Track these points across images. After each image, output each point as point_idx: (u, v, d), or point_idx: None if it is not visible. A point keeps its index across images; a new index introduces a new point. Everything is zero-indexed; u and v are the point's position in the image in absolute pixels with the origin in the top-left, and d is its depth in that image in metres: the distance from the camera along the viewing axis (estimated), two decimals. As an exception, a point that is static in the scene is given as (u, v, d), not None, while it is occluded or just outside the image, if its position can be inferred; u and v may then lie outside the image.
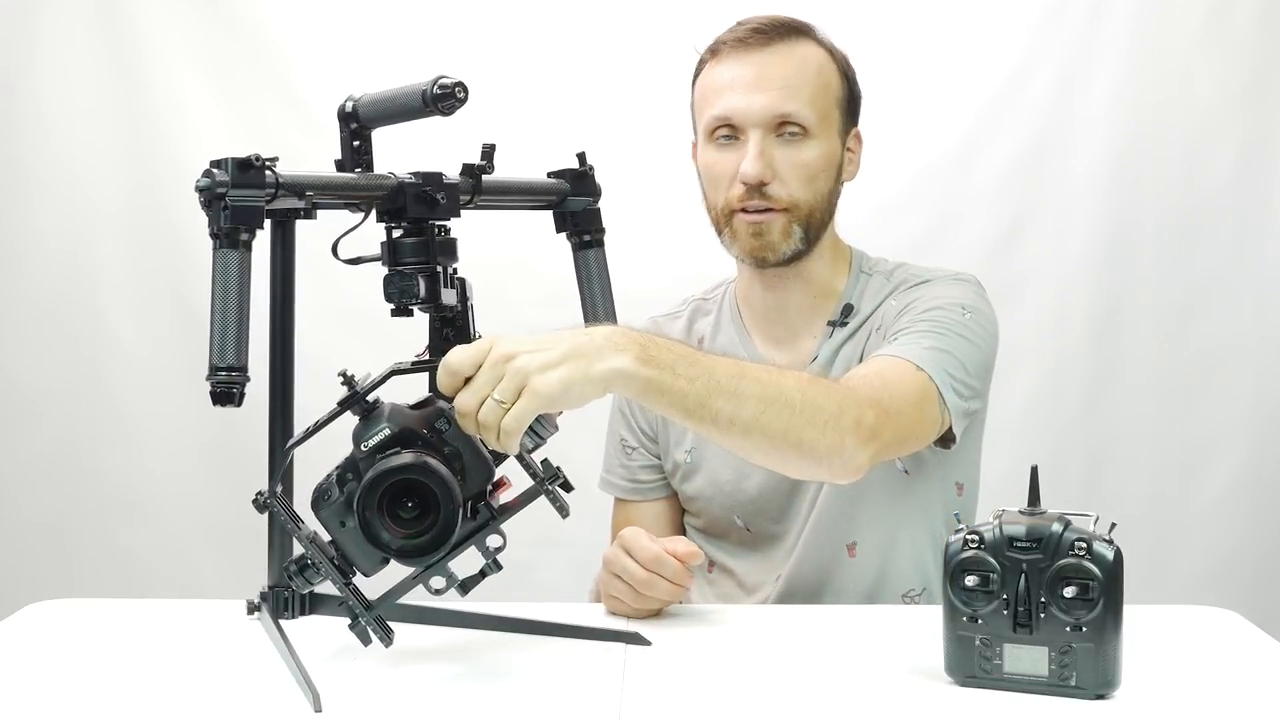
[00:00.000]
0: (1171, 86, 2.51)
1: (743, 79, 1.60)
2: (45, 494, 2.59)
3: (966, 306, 1.59)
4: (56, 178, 2.56)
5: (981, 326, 1.59)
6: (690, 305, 1.80)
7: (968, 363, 1.55)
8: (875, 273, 1.69)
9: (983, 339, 1.59)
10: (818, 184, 1.61)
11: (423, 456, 1.14)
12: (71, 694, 1.21)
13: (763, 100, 1.59)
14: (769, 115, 1.59)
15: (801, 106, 1.59)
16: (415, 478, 1.13)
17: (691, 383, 1.24)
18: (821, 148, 1.61)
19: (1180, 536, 2.56)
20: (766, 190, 1.59)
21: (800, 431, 1.31)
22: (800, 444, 1.32)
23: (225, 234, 1.15)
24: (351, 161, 1.28)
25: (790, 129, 1.59)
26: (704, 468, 1.71)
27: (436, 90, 1.22)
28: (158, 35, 2.52)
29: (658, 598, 1.42)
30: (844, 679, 1.25)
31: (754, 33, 1.62)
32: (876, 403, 1.40)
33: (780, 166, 1.59)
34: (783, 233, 1.61)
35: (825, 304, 1.68)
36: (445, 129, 1.30)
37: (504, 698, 1.20)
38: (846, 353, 1.65)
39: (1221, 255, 2.54)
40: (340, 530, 1.17)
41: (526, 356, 1.16)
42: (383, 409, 1.17)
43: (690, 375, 1.24)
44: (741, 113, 1.60)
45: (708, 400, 1.25)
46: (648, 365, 1.21)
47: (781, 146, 1.60)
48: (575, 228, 1.41)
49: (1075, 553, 1.13)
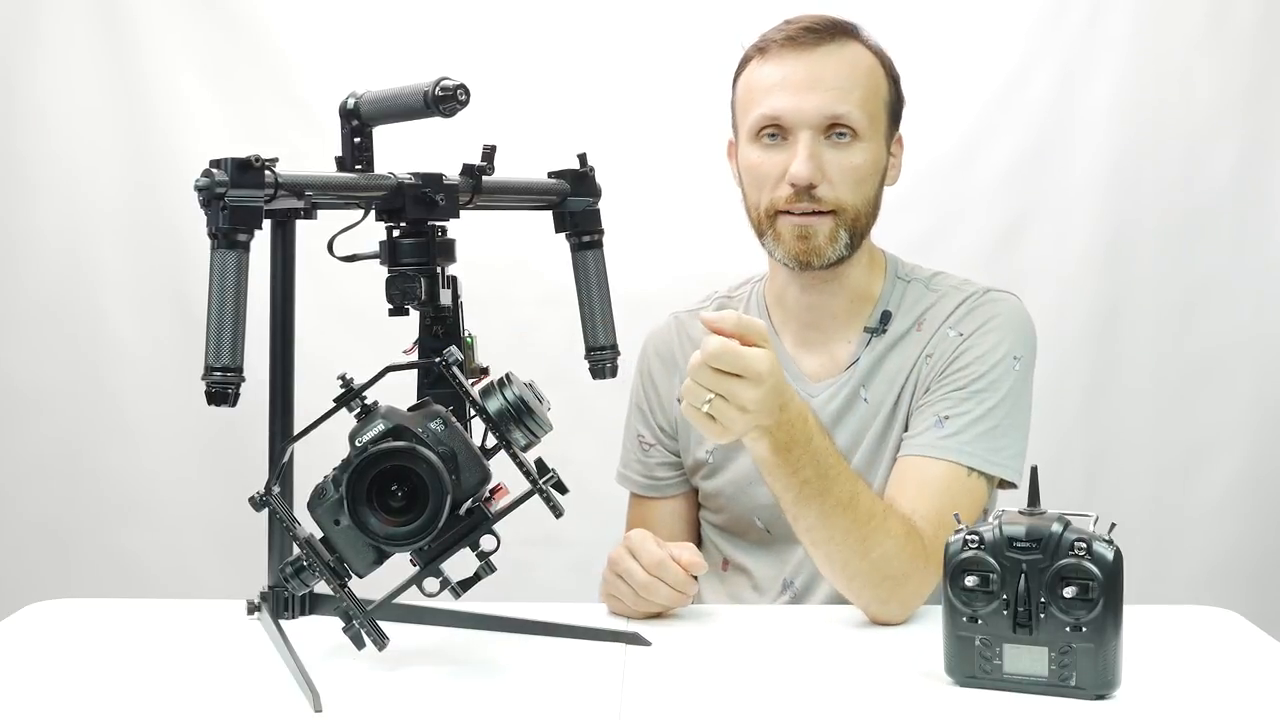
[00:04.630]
0: (1171, 87, 2.51)
1: (793, 78, 1.58)
2: (45, 494, 2.59)
3: (1018, 355, 1.61)
4: (56, 177, 2.55)
5: (1028, 365, 1.63)
6: (715, 301, 1.78)
7: (1018, 418, 1.60)
8: (913, 279, 1.68)
9: (1029, 376, 1.63)
10: (865, 188, 1.60)
11: (411, 443, 1.14)
12: (71, 694, 1.21)
13: (815, 101, 1.57)
14: (820, 116, 1.57)
15: (853, 109, 1.58)
16: (402, 463, 1.14)
17: (804, 485, 1.37)
18: (870, 151, 1.60)
19: (1180, 537, 2.55)
20: (815, 193, 1.57)
21: (860, 578, 1.42)
22: (850, 584, 1.43)
23: (223, 234, 1.15)
24: (352, 159, 1.28)
25: (840, 131, 1.58)
26: (727, 468, 1.70)
27: (439, 92, 1.22)
28: (158, 35, 2.52)
29: (658, 602, 1.42)
30: (844, 679, 1.25)
31: (805, 31, 1.60)
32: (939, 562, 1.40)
33: (829, 169, 1.58)
34: (829, 237, 1.59)
35: (861, 309, 1.67)
36: (446, 128, 1.30)
37: (504, 698, 1.20)
38: (889, 368, 1.64)
39: (1221, 255, 2.53)
40: (334, 529, 1.17)
41: (756, 409, 1.30)
42: (379, 409, 1.18)
43: (805, 478, 1.37)
44: (792, 113, 1.57)
45: (803, 504, 1.38)
46: (776, 454, 1.35)
47: (830, 149, 1.58)
48: (575, 228, 1.41)
49: (1075, 553, 1.13)
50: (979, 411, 1.56)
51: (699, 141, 1.67)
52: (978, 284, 1.67)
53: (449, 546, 1.20)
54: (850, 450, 1.63)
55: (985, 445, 1.55)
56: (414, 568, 1.21)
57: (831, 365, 1.66)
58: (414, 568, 1.21)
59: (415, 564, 1.21)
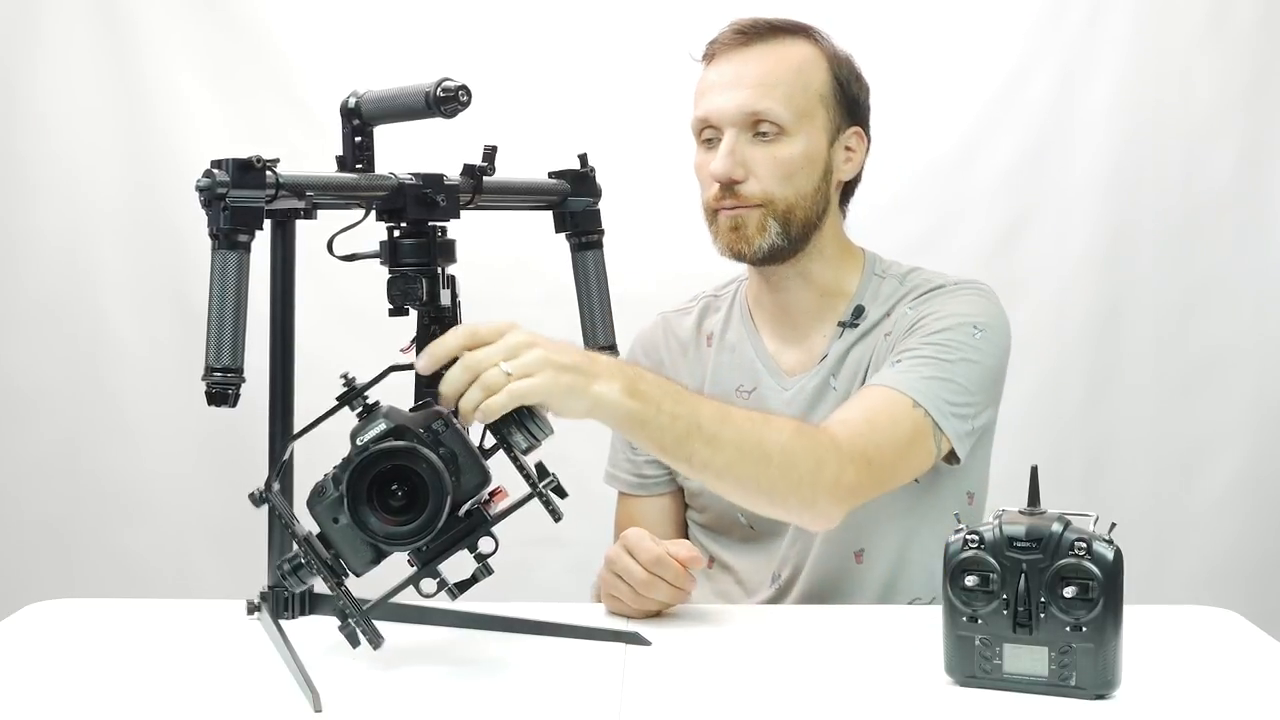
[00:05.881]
0: (1171, 87, 2.51)
1: (720, 81, 1.63)
2: (45, 494, 2.59)
3: (978, 325, 1.60)
4: (56, 177, 2.55)
5: (992, 343, 1.61)
6: (700, 302, 1.81)
7: (972, 384, 1.57)
8: (888, 275, 1.70)
9: (993, 354, 1.61)
10: (796, 181, 1.62)
11: (412, 444, 1.15)
12: (71, 694, 1.21)
13: (736, 99, 1.61)
14: (741, 114, 1.61)
15: (774, 104, 1.60)
16: (403, 463, 1.14)
17: (674, 420, 1.30)
18: (799, 145, 1.62)
19: (1180, 536, 2.56)
20: (738, 189, 1.61)
21: (773, 484, 1.38)
22: (771, 496, 1.41)
23: (224, 235, 1.15)
24: (353, 158, 1.28)
25: (764, 128, 1.61)
26: None
27: (440, 93, 1.22)
28: (158, 35, 2.52)
29: (657, 599, 1.43)
30: (844, 679, 1.25)
31: (735, 34, 1.65)
32: (861, 455, 1.45)
33: (754, 164, 1.61)
34: (758, 227, 1.62)
35: (834, 304, 1.68)
36: (444, 127, 1.30)
37: (504, 697, 1.20)
38: (855, 355, 1.66)
39: (1221, 255, 2.53)
40: (333, 527, 1.17)
41: (546, 350, 1.22)
42: (380, 408, 1.18)
43: (673, 413, 1.30)
44: (716, 113, 1.62)
45: (686, 441, 1.31)
46: (633, 398, 1.27)
47: (756, 145, 1.61)
48: (575, 228, 1.41)
49: (1075, 553, 1.13)
50: (933, 360, 1.56)
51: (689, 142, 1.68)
52: (952, 276, 1.68)
53: (447, 548, 1.20)
54: None
55: (935, 389, 1.54)
56: (412, 568, 1.21)
57: (807, 359, 1.69)
58: (412, 568, 1.21)
59: (413, 564, 1.21)
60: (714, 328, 1.76)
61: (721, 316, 1.77)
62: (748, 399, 1.69)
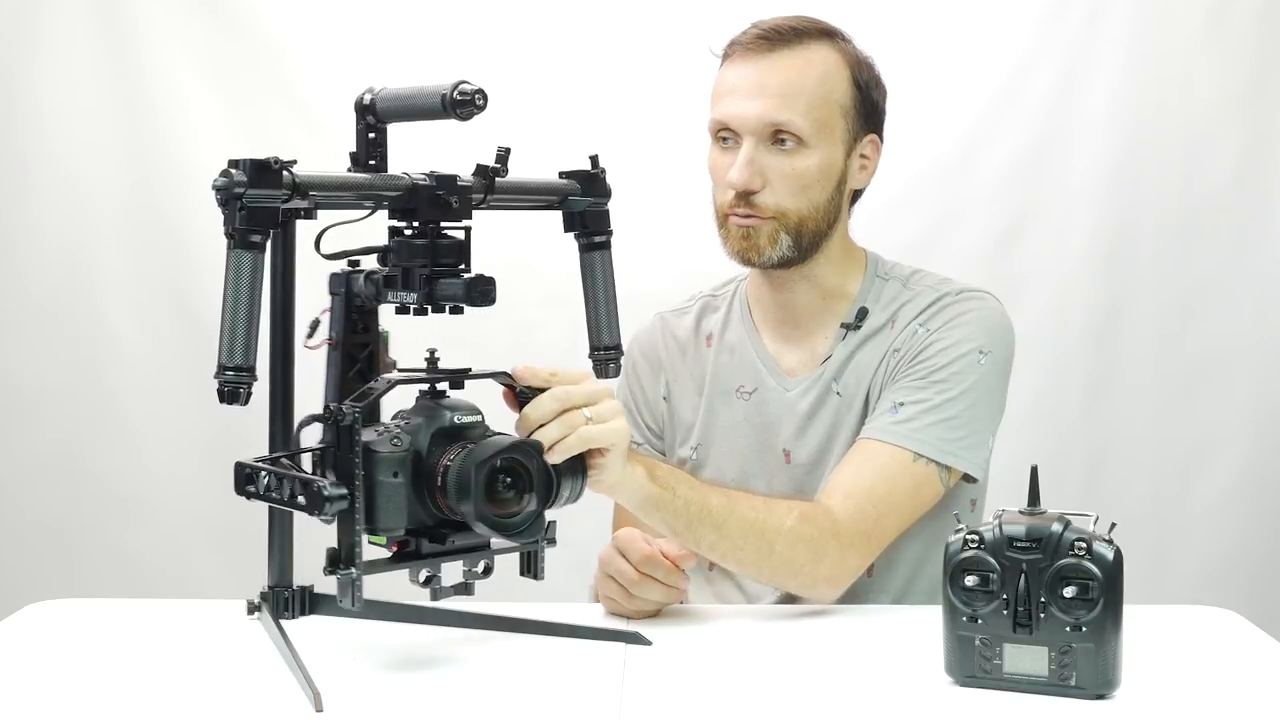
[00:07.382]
0: (1171, 87, 2.51)
1: (743, 84, 1.61)
2: (45, 494, 2.59)
3: (983, 349, 1.60)
4: (56, 177, 2.56)
5: (997, 362, 1.62)
6: (699, 302, 1.80)
7: (980, 412, 1.60)
8: (891, 277, 1.69)
9: (999, 373, 1.63)
10: (811, 194, 1.61)
11: (540, 443, 1.22)
12: (71, 694, 1.21)
13: (757, 108, 1.59)
14: (762, 124, 1.59)
15: (795, 116, 1.58)
16: (519, 459, 1.19)
17: (687, 505, 1.41)
18: (817, 157, 1.60)
19: (1180, 536, 2.56)
20: (754, 199, 1.60)
21: (774, 570, 1.48)
22: (773, 579, 1.51)
23: (239, 234, 1.15)
24: (366, 154, 1.27)
25: (784, 138, 1.59)
26: (709, 465, 1.70)
27: (457, 96, 1.21)
28: (158, 35, 2.52)
29: (651, 599, 1.43)
30: (844, 679, 1.25)
31: (758, 38, 1.61)
32: (861, 536, 1.51)
33: (771, 175, 1.60)
34: (769, 239, 1.61)
35: (837, 306, 1.68)
36: (447, 126, 1.29)
37: (504, 697, 1.20)
38: (861, 360, 1.65)
39: (1221, 255, 2.54)
40: (388, 480, 1.17)
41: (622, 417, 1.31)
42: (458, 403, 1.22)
43: (687, 499, 1.41)
44: (737, 119, 1.60)
45: (696, 525, 1.42)
46: (654, 482, 1.38)
47: (774, 155, 1.59)
48: (584, 228, 1.41)
49: (1075, 553, 1.13)
50: (936, 401, 1.57)
51: (702, 143, 1.68)
52: (956, 283, 1.68)
53: (458, 550, 1.20)
54: (827, 443, 1.64)
55: (938, 434, 1.56)
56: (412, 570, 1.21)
57: (809, 361, 1.68)
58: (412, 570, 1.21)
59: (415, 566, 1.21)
60: (713, 328, 1.76)
61: (721, 316, 1.76)
62: (748, 399, 1.69)
